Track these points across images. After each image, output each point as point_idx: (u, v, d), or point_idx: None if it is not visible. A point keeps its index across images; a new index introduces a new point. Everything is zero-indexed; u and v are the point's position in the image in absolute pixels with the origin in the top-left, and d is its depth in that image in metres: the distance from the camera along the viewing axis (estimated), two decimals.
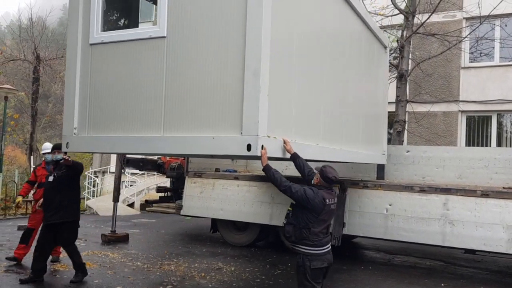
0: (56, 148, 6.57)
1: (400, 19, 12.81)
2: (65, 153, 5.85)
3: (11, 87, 16.63)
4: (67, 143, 4.73)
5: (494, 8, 11.95)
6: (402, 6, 12.56)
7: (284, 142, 4.14)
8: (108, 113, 4.44)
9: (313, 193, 4.34)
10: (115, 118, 4.39)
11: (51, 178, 6.49)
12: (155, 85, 4.11)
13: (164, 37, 4.07)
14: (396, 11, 12.52)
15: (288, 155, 4.29)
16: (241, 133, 3.64)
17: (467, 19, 14.35)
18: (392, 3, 12.45)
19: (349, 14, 6.11)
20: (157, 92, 4.10)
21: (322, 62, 5.18)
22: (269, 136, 3.76)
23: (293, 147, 4.34)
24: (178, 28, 4.02)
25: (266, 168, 4.27)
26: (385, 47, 8.24)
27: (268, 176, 4.38)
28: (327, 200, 4.40)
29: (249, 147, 3.59)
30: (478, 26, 12.81)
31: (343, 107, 6.01)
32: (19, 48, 22.36)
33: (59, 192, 6.37)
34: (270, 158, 4.22)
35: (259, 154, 3.63)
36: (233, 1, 3.76)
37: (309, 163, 4.84)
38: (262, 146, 3.65)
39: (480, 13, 12.29)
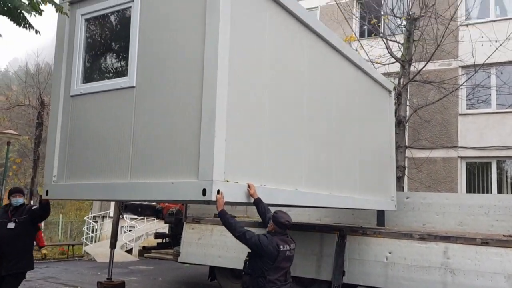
0: (17, 192, 6.16)
1: (396, 67, 13.11)
2: (40, 196, 5.57)
3: (14, 132, 16.83)
4: (47, 190, 4.87)
5: (488, 57, 12.25)
6: (398, 55, 12.88)
7: (248, 186, 4.08)
8: (82, 161, 4.58)
9: (267, 240, 4.30)
10: (88, 166, 4.52)
11: (11, 225, 5.90)
12: (124, 133, 4.23)
13: (133, 87, 4.23)
14: (393, 60, 12.83)
15: (252, 200, 4.22)
16: (198, 177, 3.66)
17: (462, 67, 14.67)
18: (389, 52, 12.78)
19: (340, 61, 6.16)
20: (125, 139, 4.21)
21: (300, 109, 5.16)
22: (227, 181, 3.76)
23: (263, 191, 4.27)
24: (146, 79, 4.17)
25: (221, 214, 4.16)
26: (389, 91, 8.25)
27: (223, 222, 4.28)
28: (281, 247, 4.36)
29: (204, 192, 3.59)
30: (474, 74, 13.09)
31: (332, 152, 5.92)
32: (24, 94, 22.79)
33: (20, 240, 5.89)
34: (232, 203, 4.18)
35: (213, 199, 3.61)
36: (192, 50, 3.88)
37: (291, 208, 4.81)
38: (218, 191, 3.64)
39: (474, 62, 12.58)
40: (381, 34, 13.86)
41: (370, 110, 7.35)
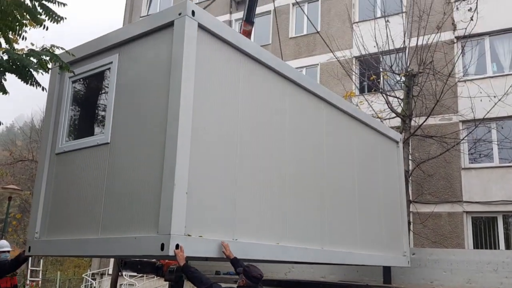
0: None
1: (397, 121, 13.24)
2: (23, 251, 5.47)
3: (16, 187, 16.81)
4: (29, 247, 4.89)
5: (488, 112, 12.40)
6: (399, 110, 13.06)
7: (224, 246, 3.97)
8: (62, 217, 4.64)
9: None
10: (66, 222, 4.58)
11: None
12: (98, 189, 4.29)
13: (107, 143, 4.34)
14: (393, 114, 12.99)
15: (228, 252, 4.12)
16: (157, 232, 3.63)
17: (463, 122, 14.80)
18: (389, 107, 12.97)
19: (331, 112, 6.12)
20: (98, 195, 4.27)
21: (282, 161, 5.06)
22: (189, 235, 3.71)
23: (236, 246, 4.15)
24: (119, 135, 4.30)
25: (184, 268, 3.99)
26: (397, 142, 8.05)
27: (187, 276, 4.12)
28: None
29: (162, 247, 3.54)
30: (474, 129, 13.19)
31: (326, 205, 5.73)
32: (28, 149, 22.98)
33: None
34: (197, 259, 4.07)
35: (171, 254, 3.55)
36: (157, 106, 3.99)
37: (294, 265, 4.65)
38: (177, 245, 3.58)
39: (474, 117, 12.71)
40: (380, 90, 14.13)
41: (374, 161, 7.21)
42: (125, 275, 17.12)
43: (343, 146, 6.38)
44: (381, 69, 14.73)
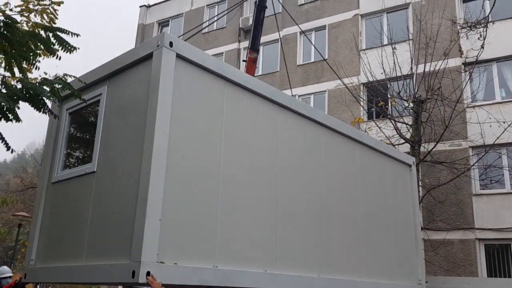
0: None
1: (406, 147, 13.21)
2: (20, 278, 5.67)
3: (26, 215, 16.88)
4: (25, 274, 5.03)
5: (497, 138, 12.33)
6: (408, 135, 13.04)
7: (148, 280, 3.73)
8: (55, 244, 4.76)
9: None
10: (58, 248, 4.70)
11: None
12: (85, 217, 4.40)
13: (94, 172, 4.46)
14: (402, 140, 12.97)
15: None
16: (130, 259, 3.66)
17: (473, 147, 14.70)
18: (398, 133, 12.96)
19: (333, 138, 6.08)
20: (84, 222, 4.37)
21: (270, 185, 4.98)
22: (162, 262, 3.69)
23: (216, 274, 4.10)
24: (104, 164, 4.43)
25: None
26: (409, 165, 7.75)
27: None
28: None
29: (133, 274, 3.53)
30: (484, 155, 13.10)
31: (322, 230, 5.59)
32: (39, 175, 23.11)
33: None
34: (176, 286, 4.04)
35: (141, 282, 3.51)
36: (136, 134, 4.11)
37: None
38: (149, 272, 3.56)
39: (484, 142, 12.65)
40: (389, 116, 14.15)
41: (382, 185, 7.00)
42: None
43: (344, 170, 6.25)
44: (389, 96, 14.78)
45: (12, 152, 4.09)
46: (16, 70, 4.16)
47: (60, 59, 4.66)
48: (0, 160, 55.83)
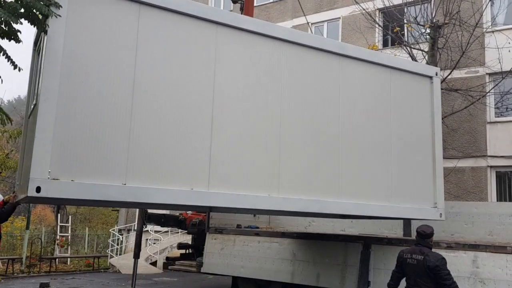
0: None
1: None
2: None
3: None
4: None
5: None
6: (423, 63, 12.69)
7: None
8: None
9: None
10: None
11: None
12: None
13: (35, 104, 4.49)
14: None
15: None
16: (29, 175, 4.00)
17: (490, 74, 14.31)
18: (413, 60, 12.60)
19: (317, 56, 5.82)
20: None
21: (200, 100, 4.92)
22: (56, 179, 4.00)
23: (124, 190, 4.32)
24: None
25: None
26: (430, 77, 6.98)
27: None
28: None
29: (26, 189, 3.94)
30: (501, 81, 12.76)
31: (317, 153, 5.58)
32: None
33: None
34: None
35: (30, 194, 3.90)
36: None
37: (314, 219, 4.63)
38: (39, 188, 3.91)
39: (502, 68, 12.28)
40: (404, 43, 13.71)
41: (383, 102, 6.45)
42: (150, 230, 17.67)
43: (327, 88, 5.91)
44: (405, 21, 14.23)
45: (19, 70, 4.14)
46: None
47: None
48: (15, 96, 56.38)
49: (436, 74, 7.06)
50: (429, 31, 12.91)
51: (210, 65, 5.00)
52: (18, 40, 3.83)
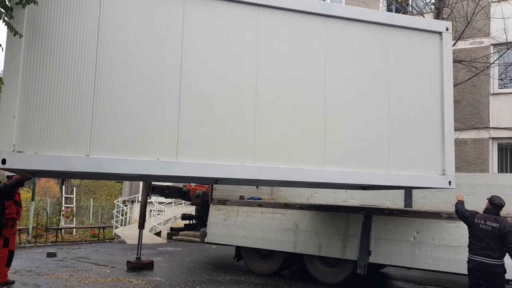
0: None
1: None
2: None
3: None
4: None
5: None
6: None
7: None
8: None
9: None
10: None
11: None
12: None
13: None
14: None
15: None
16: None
17: (494, 45, 14.15)
18: None
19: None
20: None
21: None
22: (21, 151, 4.37)
23: (86, 161, 4.54)
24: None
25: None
26: (439, 33, 6.33)
27: None
28: None
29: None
30: (505, 51, 12.63)
31: (310, 119, 5.46)
32: None
33: None
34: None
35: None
36: None
37: (317, 190, 4.64)
38: (4, 160, 4.29)
39: (507, 39, 12.14)
40: (409, 13, 13.51)
41: (378, 62, 5.99)
42: (154, 201, 17.87)
43: (313, 55, 5.68)
44: None
45: (20, 37, 4.33)
46: None
47: None
48: None
49: (447, 29, 6.39)
50: (434, 1, 12.70)
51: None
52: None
